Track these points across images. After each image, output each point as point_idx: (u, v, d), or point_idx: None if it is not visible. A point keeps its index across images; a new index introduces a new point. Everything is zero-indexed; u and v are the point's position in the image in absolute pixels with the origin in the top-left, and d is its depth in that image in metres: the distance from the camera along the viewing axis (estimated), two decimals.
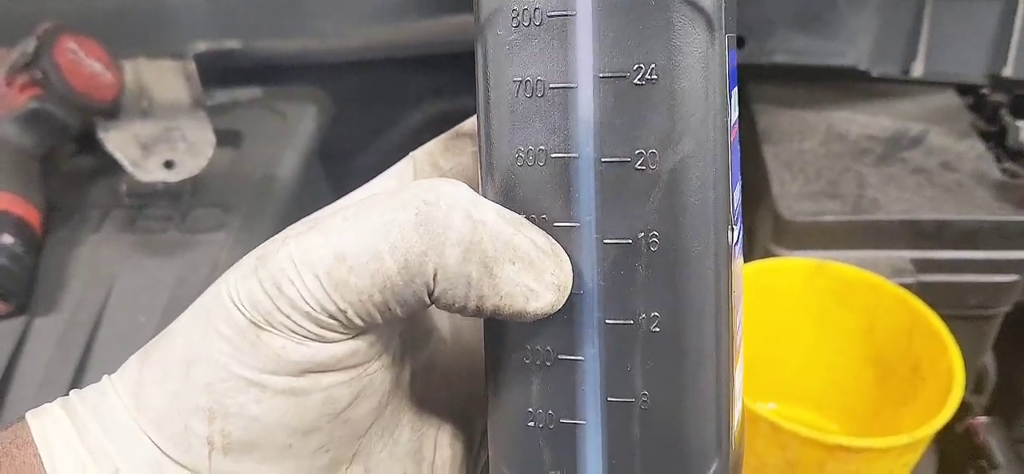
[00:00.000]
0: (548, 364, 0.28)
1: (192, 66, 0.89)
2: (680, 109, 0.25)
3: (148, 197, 0.79)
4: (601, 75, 0.25)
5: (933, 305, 0.76)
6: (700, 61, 0.25)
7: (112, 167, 0.78)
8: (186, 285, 0.71)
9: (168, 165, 0.71)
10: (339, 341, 0.26)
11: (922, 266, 0.75)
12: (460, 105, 1.09)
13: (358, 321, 0.26)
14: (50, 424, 0.28)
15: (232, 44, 0.94)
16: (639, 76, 0.25)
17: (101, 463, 0.27)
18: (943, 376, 0.67)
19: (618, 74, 0.25)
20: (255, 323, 0.26)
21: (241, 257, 0.28)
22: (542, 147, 0.26)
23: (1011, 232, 0.74)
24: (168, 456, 0.27)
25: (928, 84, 0.89)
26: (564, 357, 0.27)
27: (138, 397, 0.27)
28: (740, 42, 0.89)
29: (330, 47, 0.97)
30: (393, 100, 1.07)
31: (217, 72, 0.94)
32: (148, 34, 0.96)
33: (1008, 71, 0.81)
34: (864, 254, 0.76)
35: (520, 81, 0.26)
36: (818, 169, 0.80)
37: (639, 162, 0.25)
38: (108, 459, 0.27)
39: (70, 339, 0.71)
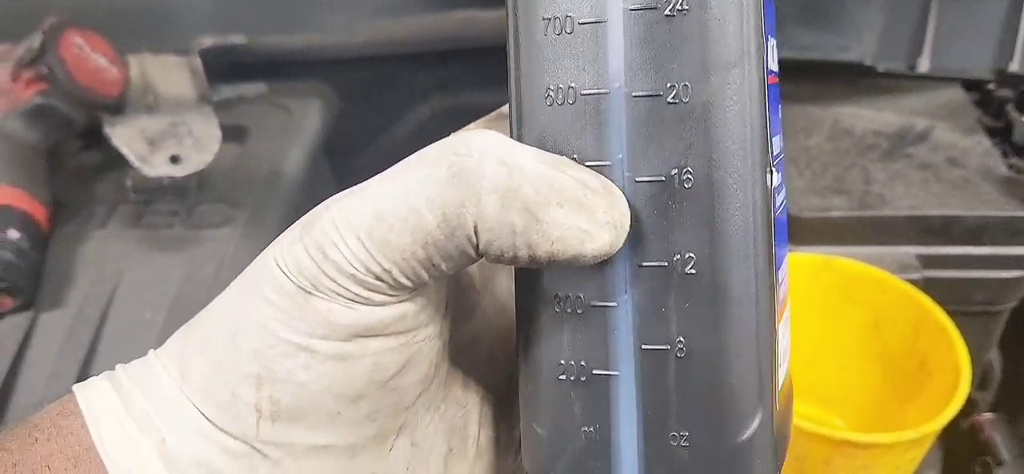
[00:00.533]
0: (579, 312, 0.27)
1: (197, 61, 0.89)
2: (712, 41, 0.25)
3: (154, 193, 0.79)
4: (631, 7, 0.25)
5: (939, 301, 0.76)
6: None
7: (118, 162, 0.78)
8: (192, 281, 0.71)
9: (174, 160, 0.71)
10: (387, 304, 0.26)
11: (928, 262, 0.75)
12: (465, 100, 1.10)
13: (404, 281, 0.26)
14: (96, 397, 0.28)
15: (237, 39, 0.94)
16: (670, 7, 0.25)
17: (148, 432, 0.27)
18: (949, 372, 0.67)
19: (648, 6, 0.25)
20: (302, 288, 0.26)
21: (247, 253, 0.28)
22: (573, 85, 0.26)
23: (1018, 228, 0.74)
24: (214, 424, 0.27)
25: (934, 79, 0.89)
26: (596, 304, 0.26)
27: (183, 367, 0.27)
28: None
29: (335, 42, 0.97)
30: (398, 95, 1.07)
31: (222, 67, 0.94)
32: (153, 29, 0.96)
33: (1015, 66, 0.81)
34: (870, 250, 0.76)
35: (549, 18, 0.26)
36: (824, 164, 0.80)
37: (671, 95, 0.25)
38: (155, 429, 0.27)
39: (76, 334, 0.71)
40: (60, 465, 0.27)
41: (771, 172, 0.26)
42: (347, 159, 1.08)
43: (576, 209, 0.25)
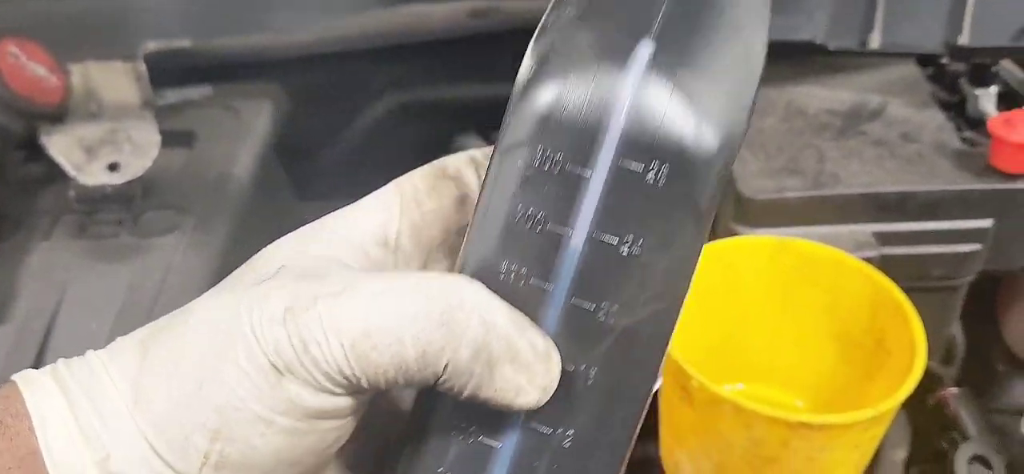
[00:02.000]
0: (468, 441, 0.31)
1: (142, 67, 0.87)
2: (650, 284, 0.29)
3: (98, 202, 0.77)
4: (594, 235, 0.28)
5: (897, 278, 0.76)
6: (683, 251, 0.29)
7: (61, 173, 0.77)
8: (139, 289, 0.70)
9: (112, 168, 0.69)
10: (343, 396, 0.29)
11: (885, 239, 0.75)
12: (421, 96, 1.08)
13: (366, 386, 0.29)
14: (43, 398, 0.29)
15: (183, 43, 0.92)
16: (626, 247, 0.28)
17: (93, 446, 0.29)
18: (907, 348, 0.66)
19: (608, 239, 0.29)
20: (276, 368, 0.28)
21: (195, 259, 0.30)
22: (525, 271, 0.29)
23: (972, 201, 0.74)
24: (161, 458, 0.29)
25: (888, 56, 0.89)
26: (484, 440, 0.31)
27: (138, 393, 0.29)
28: None
29: (285, 42, 0.96)
30: (353, 93, 1.06)
31: (170, 72, 0.93)
32: (98, 37, 0.94)
33: (964, 39, 0.81)
34: (826, 229, 0.75)
35: (524, 212, 0.29)
36: (779, 146, 0.79)
37: (601, 314, 0.29)
38: (100, 445, 0.29)
39: (22, 347, 0.70)
40: (4, 464, 0.28)
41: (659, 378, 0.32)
42: (303, 160, 1.07)
43: (522, 368, 0.29)
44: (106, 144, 0.70)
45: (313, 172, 1.09)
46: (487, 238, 0.30)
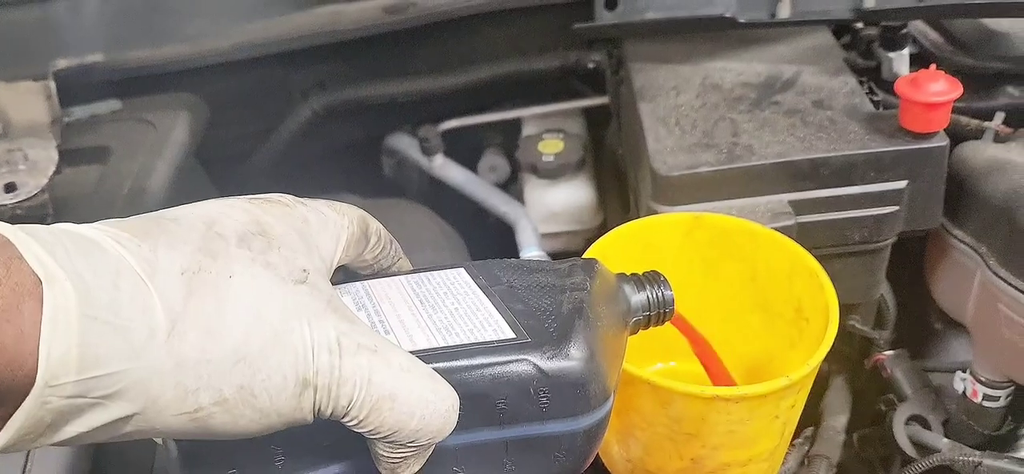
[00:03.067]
0: None
1: (51, 85, 0.86)
2: None
3: (8, 223, 0.75)
4: None
5: (817, 245, 0.76)
6: None
7: None
8: None
9: (9, 188, 0.68)
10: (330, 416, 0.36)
11: (801, 207, 0.75)
12: (348, 96, 1.07)
13: (357, 424, 0.36)
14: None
15: (95, 58, 0.91)
16: None
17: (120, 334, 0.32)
18: (821, 315, 0.66)
19: None
20: (308, 383, 0.34)
21: None
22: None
23: (885, 163, 0.75)
24: (164, 388, 0.32)
25: (802, 26, 0.89)
26: None
27: (174, 326, 0.32)
28: (612, 3, 0.88)
29: (200, 50, 0.94)
30: (275, 97, 1.05)
31: (82, 88, 0.91)
32: (7, 57, 0.92)
33: (870, 3, 0.81)
34: (743, 202, 0.75)
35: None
36: (693, 121, 0.79)
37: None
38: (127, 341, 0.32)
39: None
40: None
41: None
42: (230, 167, 1.05)
43: None
44: (2, 164, 0.68)
45: (241, 179, 1.08)
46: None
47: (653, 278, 0.53)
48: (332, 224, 0.42)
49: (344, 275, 0.47)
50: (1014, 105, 0.86)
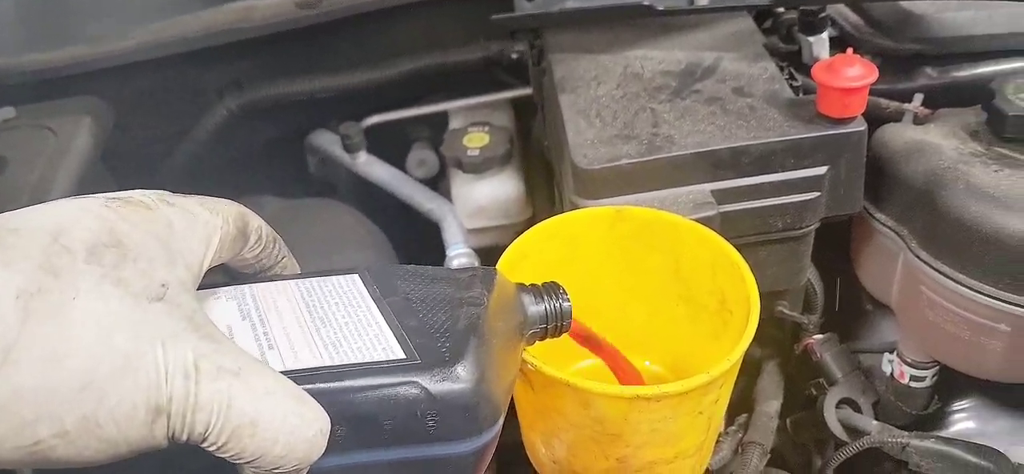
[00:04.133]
0: None
1: None
2: None
3: None
4: None
5: (741, 233, 0.76)
6: None
7: None
8: None
9: None
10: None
11: (723, 197, 0.74)
12: (265, 94, 1.04)
13: (215, 449, 0.34)
14: None
15: None
16: None
17: None
18: (743, 305, 0.65)
19: None
20: (161, 410, 0.31)
21: None
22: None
23: (804, 150, 0.74)
24: None
25: (721, 11, 0.88)
26: None
27: (7, 355, 0.30)
28: None
29: (103, 51, 0.90)
30: (188, 98, 1.01)
31: None
32: None
33: None
34: (666, 193, 0.74)
35: None
36: (614, 113, 0.78)
37: None
38: None
39: None
40: None
41: None
42: (142, 174, 1.01)
43: None
44: None
45: (156, 185, 1.04)
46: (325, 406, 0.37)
47: (552, 290, 0.52)
48: (202, 224, 0.39)
49: (227, 277, 0.45)
50: (933, 86, 0.87)
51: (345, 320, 0.42)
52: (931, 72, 0.87)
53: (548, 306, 0.52)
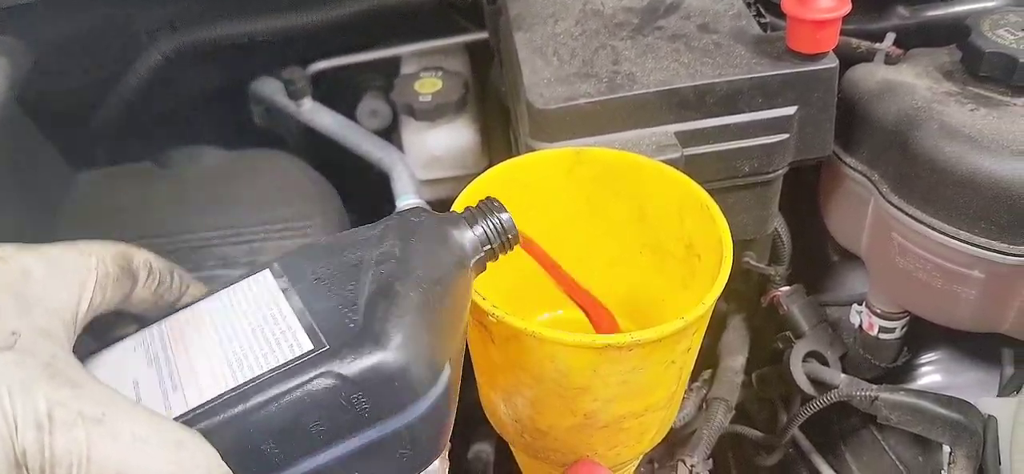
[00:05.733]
0: None
1: None
2: None
3: None
4: None
5: (705, 178, 0.71)
6: None
7: None
8: None
9: None
10: None
11: (687, 139, 0.70)
12: (202, 37, 0.97)
13: None
14: None
15: None
16: None
17: None
18: (714, 250, 0.62)
19: None
20: (18, 465, 0.29)
21: None
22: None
23: (773, 88, 0.70)
24: None
25: None
26: None
27: None
28: None
29: None
30: (118, 41, 0.94)
31: None
32: None
33: None
34: (628, 135, 0.70)
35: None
36: (572, 50, 0.73)
37: None
38: None
39: None
40: None
41: None
42: (70, 124, 0.94)
43: None
44: None
45: (86, 136, 0.97)
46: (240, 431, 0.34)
47: (486, 208, 0.49)
48: (69, 269, 0.36)
49: (138, 322, 0.43)
50: (905, 26, 0.84)
51: (252, 327, 0.39)
52: (903, 11, 0.84)
53: (485, 227, 0.48)
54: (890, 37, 0.81)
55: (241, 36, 0.96)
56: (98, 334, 0.41)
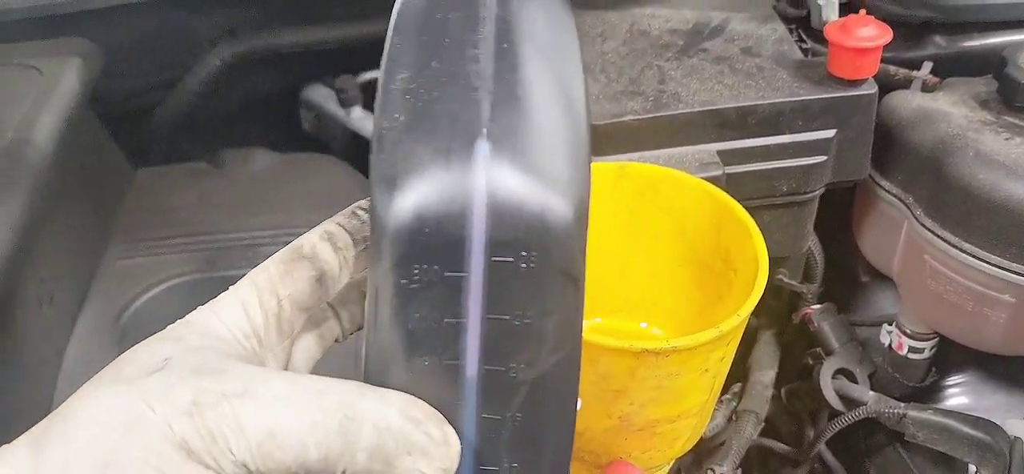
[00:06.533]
0: None
1: None
2: (546, 341, 0.33)
3: None
4: (486, 317, 0.32)
5: (744, 196, 0.74)
6: (565, 311, 0.33)
7: None
8: None
9: None
10: None
11: (728, 157, 0.73)
12: (260, 44, 1.01)
13: None
14: None
15: None
16: (517, 320, 0.32)
17: None
18: (751, 265, 0.64)
19: (499, 317, 0.32)
20: (183, 450, 0.30)
21: None
22: (433, 360, 0.32)
23: (813, 111, 0.73)
24: None
25: None
26: None
27: None
28: None
29: None
30: (181, 45, 0.98)
31: None
32: None
33: None
34: (671, 151, 0.73)
35: (417, 318, 0.32)
36: (619, 69, 0.76)
37: (511, 372, 0.33)
38: None
39: None
40: None
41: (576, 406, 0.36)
42: (134, 123, 0.99)
43: (421, 455, 0.32)
44: None
45: (148, 135, 1.01)
46: (386, 344, 0.33)
47: None
48: (224, 297, 0.37)
49: None
50: (942, 55, 0.86)
51: None
52: (940, 41, 0.86)
53: None
54: (927, 66, 0.83)
55: (297, 45, 1.00)
56: None
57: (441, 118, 0.31)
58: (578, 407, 0.36)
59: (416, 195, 0.30)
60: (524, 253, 0.31)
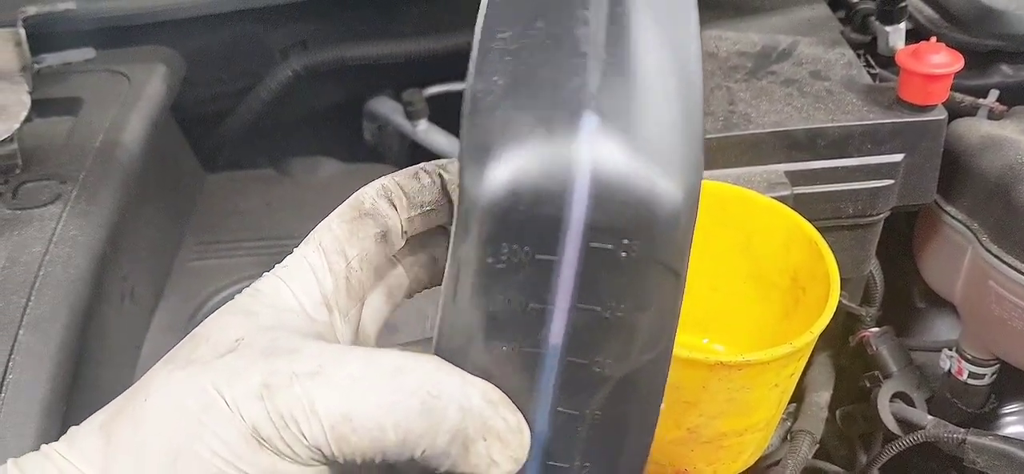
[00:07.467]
0: None
1: (21, 32, 0.82)
2: (638, 337, 0.30)
3: None
4: (576, 306, 0.29)
5: (811, 216, 0.75)
6: (663, 306, 0.30)
7: None
8: (17, 263, 0.65)
9: None
10: (319, 466, 0.31)
11: (797, 178, 0.74)
12: (330, 57, 1.04)
13: (342, 462, 0.30)
14: None
15: (67, 5, 0.87)
16: (609, 311, 0.29)
17: None
18: (821, 283, 0.65)
19: (590, 308, 0.29)
20: (255, 439, 0.29)
21: (76, 229, 0.33)
22: (514, 346, 0.30)
23: (882, 135, 0.74)
24: None
25: None
26: None
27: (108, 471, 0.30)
28: None
29: (177, 2, 0.91)
30: (254, 55, 1.02)
31: (54, 37, 0.87)
32: None
33: None
34: (740, 171, 0.74)
35: (503, 299, 0.29)
36: None
37: (595, 367, 0.30)
38: None
39: None
40: None
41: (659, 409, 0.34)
42: (206, 128, 1.02)
43: (495, 441, 0.31)
44: None
45: (218, 141, 1.04)
46: (464, 323, 0.30)
47: None
48: (291, 266, 0.35)
49: None
50: (1008, 83, 0.86)
51: None
52: (1007, 69, 0.87)
53: None
54: (994, 93, 0.83)
55: (365, 58, 1.02)
56: None
57: (544, 84, 0.28)
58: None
59: (511, 168, 0.27)
60: (626, 241, 0.27)
